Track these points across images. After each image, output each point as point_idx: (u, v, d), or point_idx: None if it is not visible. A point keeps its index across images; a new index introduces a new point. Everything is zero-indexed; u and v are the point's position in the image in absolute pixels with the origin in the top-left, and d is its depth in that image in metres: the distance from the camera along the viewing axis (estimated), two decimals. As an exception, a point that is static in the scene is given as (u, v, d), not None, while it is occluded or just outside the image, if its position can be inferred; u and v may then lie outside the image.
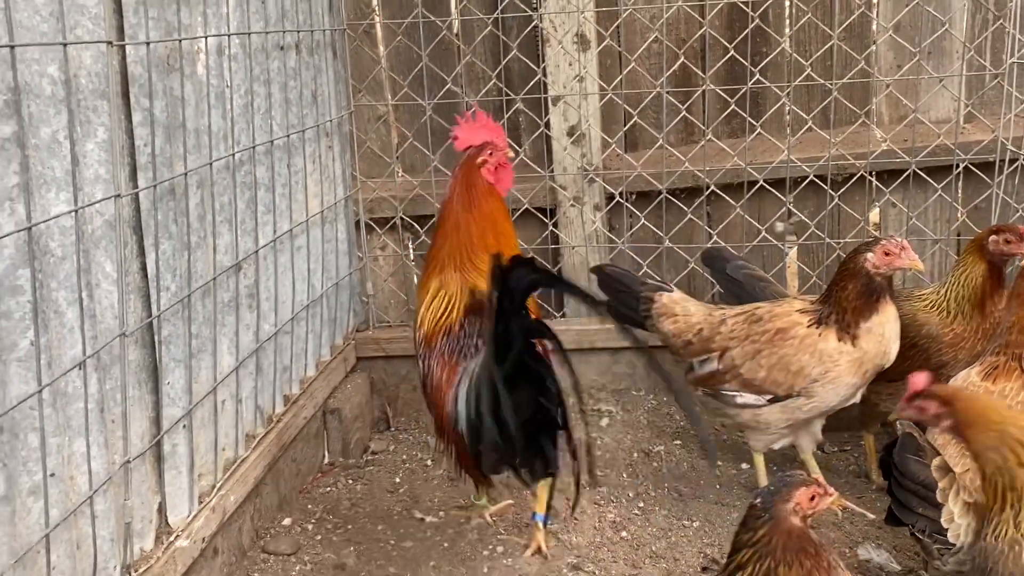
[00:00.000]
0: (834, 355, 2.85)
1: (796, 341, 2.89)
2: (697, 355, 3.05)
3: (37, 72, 2.02)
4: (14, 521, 1.95)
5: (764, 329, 2.94)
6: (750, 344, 2.94)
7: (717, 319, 3.05)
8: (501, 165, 2.99)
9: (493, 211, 2.98)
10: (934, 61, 3.80)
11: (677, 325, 3.10)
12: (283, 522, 3.17)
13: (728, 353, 2.97)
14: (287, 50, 3.24)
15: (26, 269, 1.97)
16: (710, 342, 3.02)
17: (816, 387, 2.87)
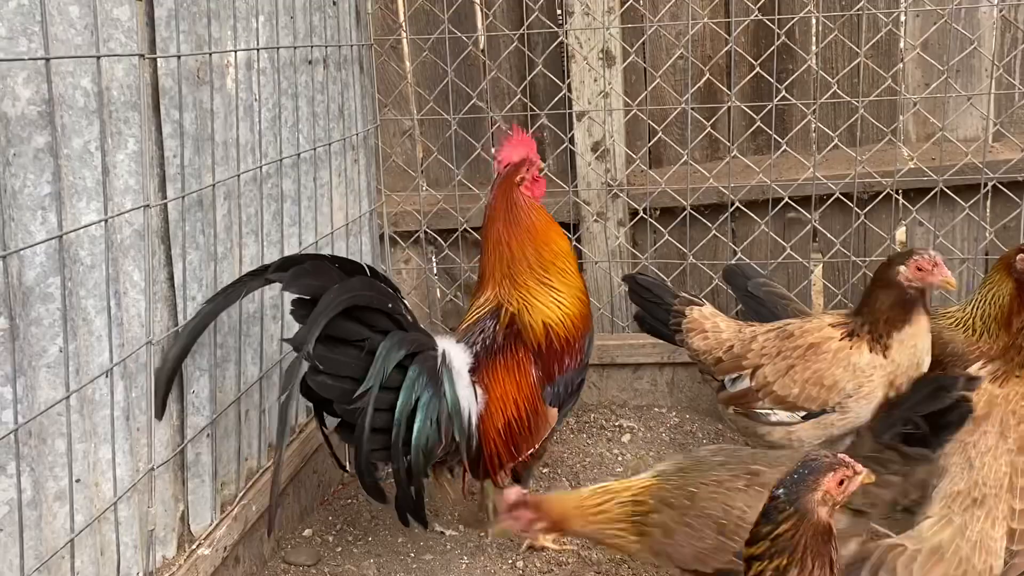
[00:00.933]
0: (867, 369, 2.80)
1: (829, 355, 2.84)
2: (728, 373, 2.99)
3: (71, 84, 2.06)
4: (40, 526, 1.97)
5: (796, 344, 2.90)
6: (782, 360, 2.89)
7: (748, 336, 3.01)
8: (535, 178, 3.01)
9: (533, 224, 2.97)
10: (962, 79, 3.78)
11: (707, 342, 3.05)
12: (304, 533, 3.18)
13: (761, 370, 2.92)
14: (315, 64, 3.27)
15: (56, 277, 2.00)
16: (741, 359, 2.97)
17: (850, 402, 2.83)
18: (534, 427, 2.88)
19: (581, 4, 3.73)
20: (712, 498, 2.31)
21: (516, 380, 2.86)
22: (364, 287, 2.58)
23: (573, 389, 2.99)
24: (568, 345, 2.93)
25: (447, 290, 4.19)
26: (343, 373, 2.54)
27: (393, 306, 2.64)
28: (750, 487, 2.31)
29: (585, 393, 3.89)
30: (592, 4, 3.72)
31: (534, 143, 3.06)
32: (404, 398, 2.61)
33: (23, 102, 1.91)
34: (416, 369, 2.64)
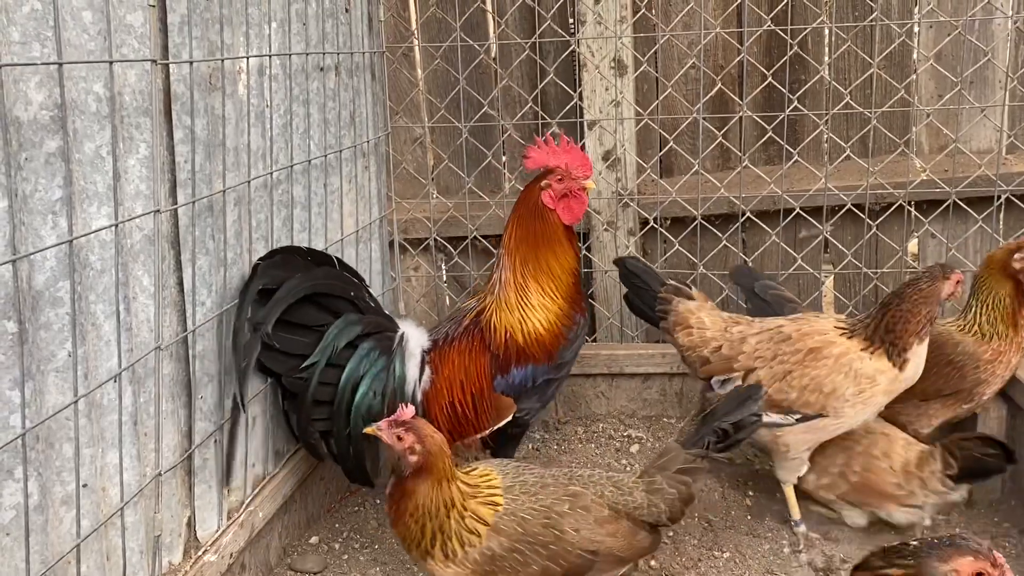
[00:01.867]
0: (874, 375, 2.78)
1: (830, 361, 2.81)
2: (716, 374, 2.94)
3: (83, 89, 2.07)
4: (46, 530, 1.97)
5: (795, 348, 2.85)
6: (779, 365, 2.85)
7: (736, 336, 2.95)
8: (571, 193, 2.97)
9: (539, 230, 2.99)
10: (976, 91, 3.76)
11: (691, 339, 2.99)
12: (310, 540, 3.17)
13: (754, 374, 2.87)
14: (327, 71, 3.28)
15: (66, 281, 2.00)
16: (732, 361, 2.91)
17: (847, 407, 2.81)
18: (480, 411, 2.99)
19: (593, 13, 3.73)
20: (545, 524, 2.35)
21: (465, 365, 2.99)
22: (327, 276, 2.84)
23: (534, 384, 3.00)
24: (526, 349, 2.99)
25: (456, 298, 4.19)
26: (296, 351, 2.78)
27: (355, 293, 2.89)
28: (573, 510, 2.39)
29: (594, 403, 3.88)
30: (604, 13, 3.72)
31: (584, 158, 3.00)
32: (350, 370, 2.84)
33: (35, 106, 1.92)
34: (368, 346, 2.87)
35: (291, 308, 2.73)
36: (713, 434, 2.52)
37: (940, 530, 3.11)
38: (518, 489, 2.40)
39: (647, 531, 2.49)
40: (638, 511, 2.45)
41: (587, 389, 3.88)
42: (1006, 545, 3.00)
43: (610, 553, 2.41)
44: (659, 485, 2.48)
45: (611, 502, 2.44)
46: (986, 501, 3.25)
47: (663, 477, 2.49)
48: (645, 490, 2.48)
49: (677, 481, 2.49)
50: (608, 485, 2.48)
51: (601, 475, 2.54)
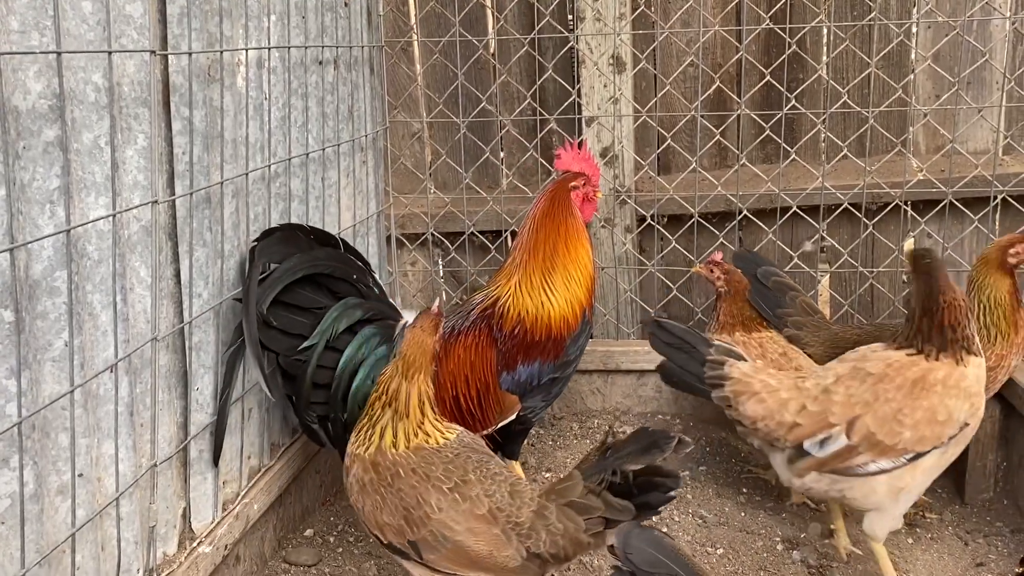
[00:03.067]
0: (975, 385, 2.53)
1: (940, 387, 2.50)
2: (810, 436, 2.57)
3: (82, 79, 2.06)
4: (42, 519, 1.97)
5: (897, 384, 2.53)
6: (884, 404, 2.52)
7: (815, 388, 2.61)
8: (588, 199, 3.09)
9: (566, 225, 3.04)
10: (973, 91, 3.77)
11: (765, 405, 2.62)
12: (305, 533, 3.18)
13: (860, 421, 2.52)
14: (325, 65, 3.28)
15: (63, 271, 2.00)
16: (826, 416, 2.56)
17: (968, 430, 2.56)
18: (485, 407, 2.97)
19: (592, 9, 3.73)
20: (413, 487, 2.29)
21: (471, 360, 2.96)
22: (330, 258, 2.82)
23: (539, 382, 2.99)
24: (536, 339, 2.97)
25: (453, 293, 4.19)
26: (294, 331, 2.76)
27: (358, 277, 2.88)
28: (452, 492, 2.26)
29: (589, 399, 3.89)
30: (603, 10, 3.72)
31: (599, 170, 3.16)
32: (348, 355, 2.81)
33: (34, 96, 1.92)
34: (368, 332, 2.84)
35: (291, 287, 2.72)
36: (611, 473, 2.12)
37: (933, 529, 3.12)
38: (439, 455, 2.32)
39: (523, 557, 2.21)
40: (515, 529, 2.21)
41: (582, 385, 3.89)
42: (998, 545, 3.01)
43: (461, 549, 2.23)
44: (547, 513, 2.20)
45: (495, 505, 2.23)
46: (979, 501, 3.26)
47: (555, 507, 2.20)
48: (534, 511, 2.21)
49: (565, 516, 2.18)
50: (506, 490, 2.26)
51: (513, 479, 2.32)
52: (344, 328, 2.81)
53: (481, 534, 2.23)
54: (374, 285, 2.97)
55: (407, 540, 2.30)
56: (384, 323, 2.90)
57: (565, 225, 3.04)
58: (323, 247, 2.85)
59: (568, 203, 3.06)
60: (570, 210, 3.05)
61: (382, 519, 2.32)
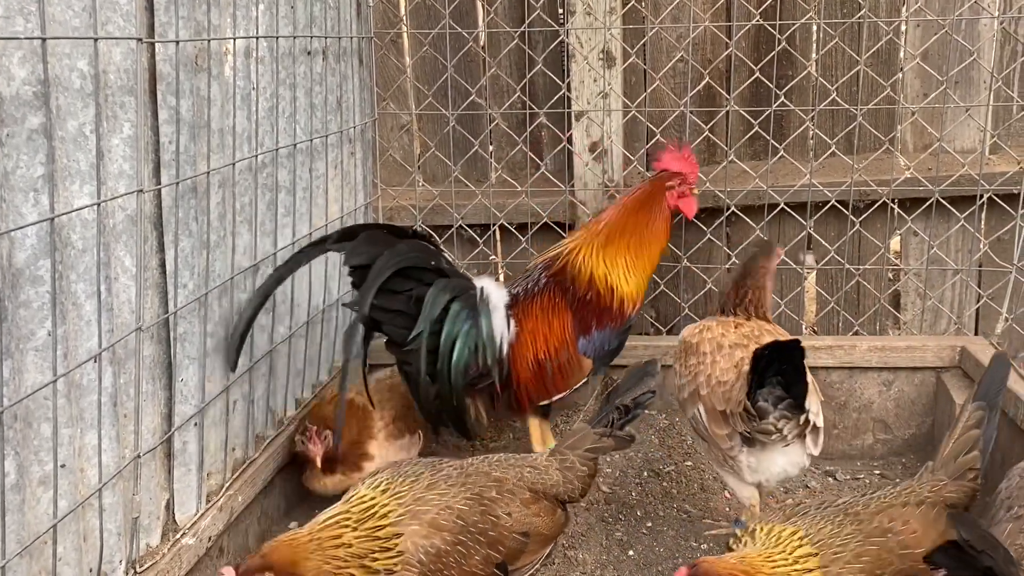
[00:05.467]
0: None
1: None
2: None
3: (67, 66, 2.04)
4: (23, 510, 1.96)
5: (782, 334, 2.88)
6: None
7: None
8: (684, 196, 3.24)
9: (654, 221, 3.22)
10: (961, 90, 3.78)
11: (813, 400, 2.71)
12: (289, 526, 3.16)
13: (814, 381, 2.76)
14: (314, 55, 3.26)
15: (47, 260, 1.98)
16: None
17: None
18: (564, 368, 3.16)
19: (583, 4, 3.72)
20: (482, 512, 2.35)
21: (549, 320, 3.16)
22: (410, 249, 3.00)
23: (611, 347, 3.21)
24: (607, 307, 3.17)
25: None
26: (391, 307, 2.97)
27: (435, 262, 3.07)
28: (501, 495, 2.42)
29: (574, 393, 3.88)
30: (594, 4, 3.71)
31: (696, 167, 3.27)
32: (448, 330, 3.02)
33: (18, 82, 1.90)
34: (458, 306, 3.04)
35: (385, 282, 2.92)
36: (616, 411, 2.61)
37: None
38: (444, 484, 2.37)
39: (561, 508, 2.56)
40: (554, 489, 2.52)
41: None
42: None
43: (539, 532, 2.46)
44: (571, 463, 2.56)
45: (530, 483, 2.49)
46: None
47: (574, 455, 2.57)
48: (559, 469, 2.55)
49: (587, 459, 2.58)
50: (525, 467, 2.53)
51: (515, 458, 2.59)
52: (439, 311, 3.01)
53: (542, 512, 2.46)
54: (445, 262, 3.13)
55: (494, 567, 2.36)
56: (467, 295, 3.09)
57: (654, 219, 3.22)
58: (402, 240, 3.01)
59: (660, 201, 3.22)
60: (660, 208, 3.22)
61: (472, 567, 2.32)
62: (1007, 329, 3.70)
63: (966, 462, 2.41)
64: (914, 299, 3.92)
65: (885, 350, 3.62)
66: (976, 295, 3.82)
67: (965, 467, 2.40)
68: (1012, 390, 3.11)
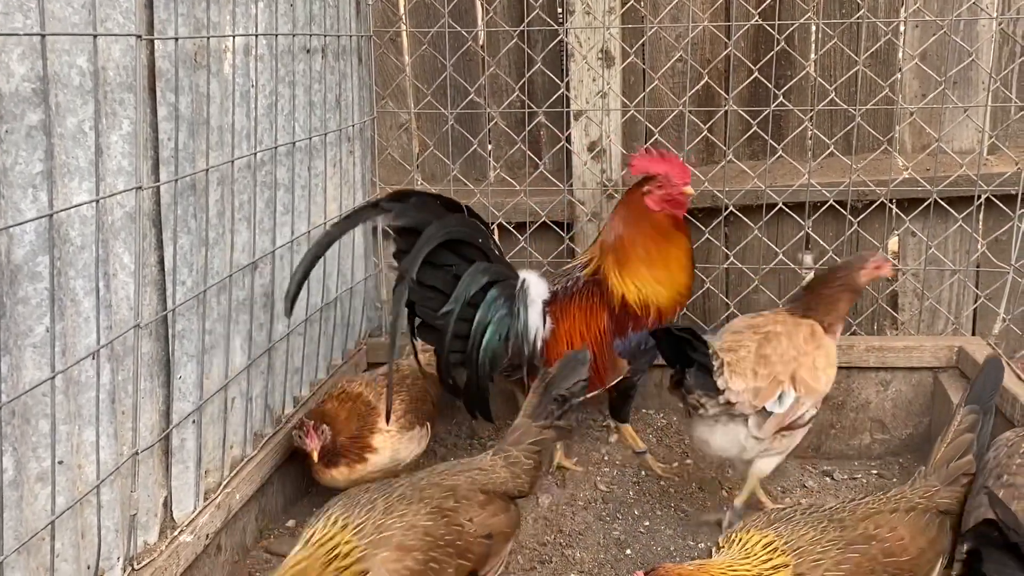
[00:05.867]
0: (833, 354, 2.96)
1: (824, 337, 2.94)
2: (770, 397, 2.78)
3: (67, 62, 2.04)
4: (21, 506, 1.96)
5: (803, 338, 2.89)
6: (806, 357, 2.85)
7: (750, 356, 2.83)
8: (671, 197, 3.21)
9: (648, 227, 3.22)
10: (959, 91, 3.79)
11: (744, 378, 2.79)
12: (287, 523, 3.17)
13: (798, 375, 2.81)
14: (313, 53, 3.26)
15: (45, 256, 1.98)
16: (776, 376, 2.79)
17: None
18: (599, 366, 3.20)
19: (582, 3, 3.72)
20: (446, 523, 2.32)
21: (586, 319, 3.22)
22: (460, 223, 3.06)
23: (647, 347, 3.21)
24: (642, 317, 3.21)
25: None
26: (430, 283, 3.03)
27: (483, 241, 3.13)
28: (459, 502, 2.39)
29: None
30: (593, 3, 3.72)
31: (680, 166, 3.22)
32: (481, 315, 3.09)
33: (17, 78, 1.90)
34: (495, 292, 3.12)
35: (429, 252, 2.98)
36: (554, 402, 2.64)
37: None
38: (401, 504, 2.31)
39: (513, 504, 2.57)
40: (504, 486, 2.53)
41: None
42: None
43: (500, 532, 2.46)
44: (516, 459, 2.58)
45: (481, 485, 2.48)
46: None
47: (518, 451, 2.60)
48: (504, 466, 2.56)
49: (531, 452, 2.61)
50: (473, 470, 2.52)
51: (460, 464, 2.58)
52: (475, 291, 3.08)
53: (498, 511, 2.46)
54: (494, 246, 3.21)
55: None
56: (507, 283, 3.16)
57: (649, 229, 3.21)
58: (452, 212, 3.06)
59: (642, 208, 3.21)
60: (647, 215, 3.20)
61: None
62: (1004, 329, 3.70)
63: (959, 467, 2.40)
64: (912, 299, 3.93)
65: (882, 350, 3.63)
66: (974, 295, 3.82)
67: (958, 472, 2.40)
68: (1010, 391, 3.12)
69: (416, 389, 3.24)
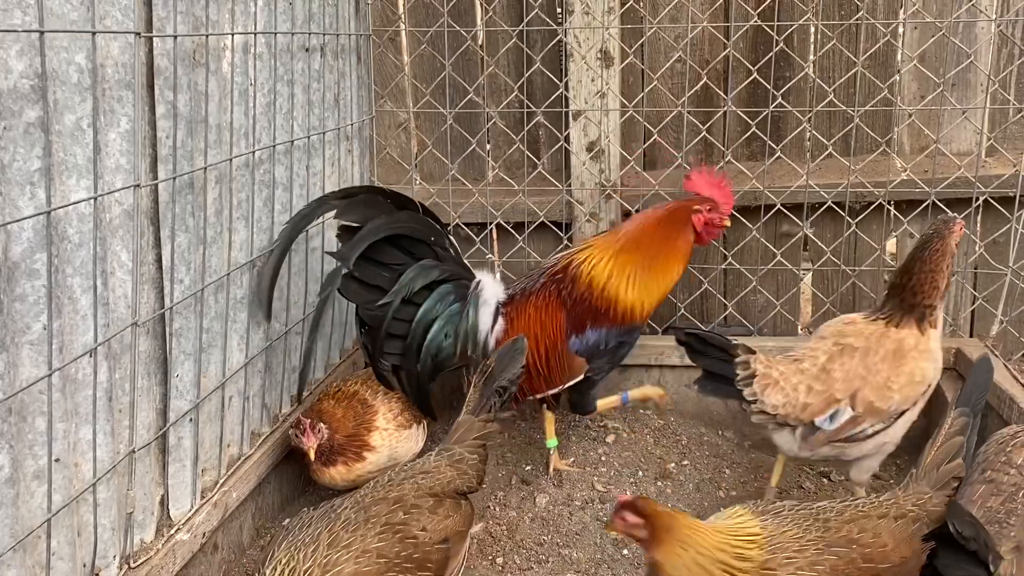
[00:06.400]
0: (936, 349, 2.88)
1: (914, 352, 2.84)
2: (821, 414, 2.82)
3: (65, 59, 2.04)
4: (17, 504, 1.95)
5: (881, 357, 2.83)
6: (876, 376, 2.81)
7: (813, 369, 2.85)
8: (712, 224, 3.21)
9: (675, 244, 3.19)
10: (958, 93, 3.79)
11: (785, 394, 2.82)
12: (284, 522, 3.16)
13: (860, 394, 2.79)
14: (312, 52, 3.26)
15: (43, 253, 1.98)
16: (832, 394, 2.81)
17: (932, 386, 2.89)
18: (554, 367, 3.18)
19: (581, 3, 3.72)
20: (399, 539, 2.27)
21: (541, 319, 3.17)
22: (410, 220, 3.01)
23: (607, 347, 3.18)
24: (601, 308, 3.15)
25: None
26: (374, 283, 2.98)
27: (435, 239, 3.08)
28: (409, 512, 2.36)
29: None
30: (592, 3, 3.72)
31: (729, 196, 3.22)
32: (424, 310, 3.05)
33: (15, 75, 1.89)
34: (444, 290, 3.08)
35: (373, 246, 2.92)
36: (495, 395, 2.66)
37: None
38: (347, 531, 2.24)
39: (464, 499, 2.57)
40: (451, 485, 2.51)
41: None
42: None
43: (455, 532, 2.45)
44: (460, 456, 2.58)
45: (428, 489, 2.45)
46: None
47: (462, 448, 2.60)
48: (449, 465, 2.55)
49: (476, 447, 2.62)
50: (417, 475, 2.49)
51: (403, 471, 2.52)
52: (421, 286, 3.02)
53: (450, 512, 2.44)
54: (450, 247, 3.16)
55: None
56: (458, 282, 3.12)
57: (673, 241, 3.19)
58: (402, 210, 3.01)
59: (686, 223, 3.19)
60: (683, 229, 3.19)
61: None
62: (1002, 331, 3.71)
63: (949, 470, 2.40)
64: (909, 301, 3.92)
65: (880, 351, 3.62)
66: (971, 297, 3.83)
67: (948, 475, 2.39)
68: (1007, 392, 3.12)
69: None
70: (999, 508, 2.18)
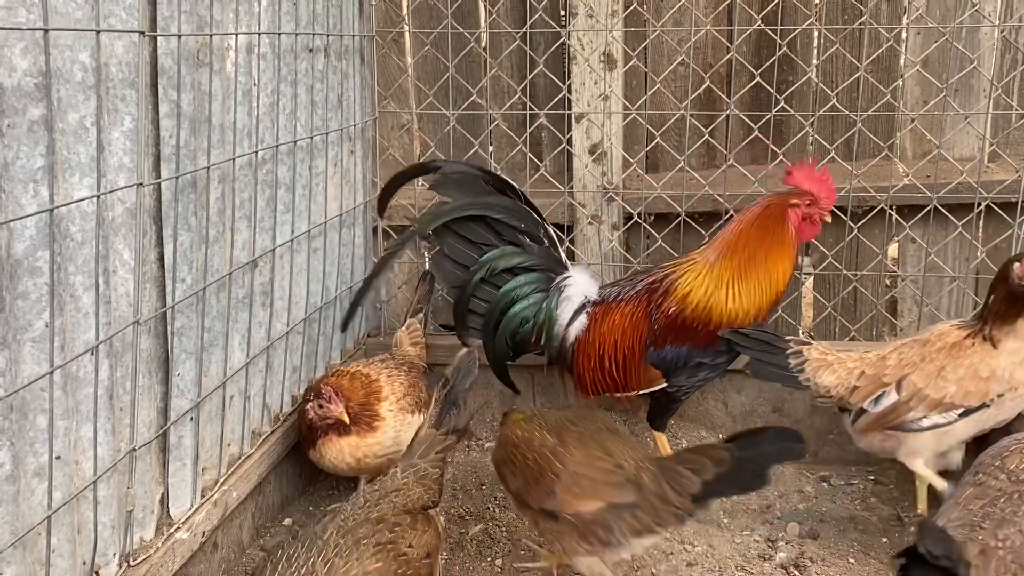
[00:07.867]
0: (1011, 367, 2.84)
1: (977, 348, 2.85)
2: (868, 396, 2.94)
3: (69, 58, 2.05)
4: (17, 501, 1.96)
5: (939, 347, 2.89)
6: (929, 363, 2.87)
7: (874, 357, 2.99)
8: (811, 220, 3.12)
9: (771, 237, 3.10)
10: (960, 98, 3.79)
11: (837, 375, 2.98)
12: (284, 522, 3.17)
13: (907, 379, 2.88)
14: (316, 53, 3.26)
15: (46, 251, 1.98)
16: (880, 377, 2.93)
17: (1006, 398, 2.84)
18: (626, 373, 3.20)
19: (585, 6, 3.73)
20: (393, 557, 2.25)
21: (623, 327, 3.18)
22: (505, 205, 3.14)
23: (685, 364, 3.15)
24: (689, 325, 3.11)
25: (439, 286, 4.18)
26: (461, 261, 3.17)
27: (526, 226, 3.18)
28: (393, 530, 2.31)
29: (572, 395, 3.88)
30: (596, 6, 3.72)
31: (831, 190, 3.12)
32: (503, 292, 3.18)
33: (20, 73, 1.90)
34: (525, 278, 3.19)
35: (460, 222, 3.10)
36: (453, 408, 2.67)
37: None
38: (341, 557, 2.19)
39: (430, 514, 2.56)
40: (420, 501, 2.50)
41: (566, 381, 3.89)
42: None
43: (434, 547, 2.44)
44: (425, 471, 2.57)
45: (403, 506, 2.43)
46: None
47: (425, 463, 2.58)
48: (416, 481, 2.53)
49: (439, 461, 2.62)
50: (390, 494, 2.45)
51: (376, 492, 2.47)
52: (503, 268, 3.14)
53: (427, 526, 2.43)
54: (544, 236, 3.22)
55: None
56: (543, 273, 3.21)
57: (771, 238, 3.09)
58: (500, 195, 3.13)
59: (782, 218, 3.10)
60: (781, 225, 3.09)
61: None
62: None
63: None
64: (911, 306, 3.93)
65: (881, 356, 3.62)
66: (973, 302, 3.82)
67: None
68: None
69: (413, 375, 3.25)
70: (978, 511, 2.23)
